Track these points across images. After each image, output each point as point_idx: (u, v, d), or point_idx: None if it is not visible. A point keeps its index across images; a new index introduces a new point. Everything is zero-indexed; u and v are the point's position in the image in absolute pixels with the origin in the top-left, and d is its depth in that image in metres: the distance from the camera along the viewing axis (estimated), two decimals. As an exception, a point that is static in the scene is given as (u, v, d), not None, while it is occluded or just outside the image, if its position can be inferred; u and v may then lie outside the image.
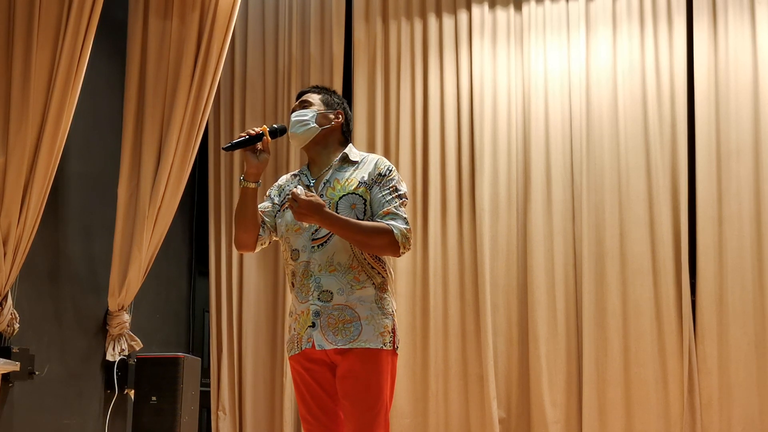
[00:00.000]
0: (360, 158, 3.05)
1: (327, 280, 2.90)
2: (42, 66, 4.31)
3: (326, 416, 2.95)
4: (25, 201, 4.27)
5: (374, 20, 6.10)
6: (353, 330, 2.87)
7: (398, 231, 2.88)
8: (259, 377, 6.00)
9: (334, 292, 2.90)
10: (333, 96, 3.15)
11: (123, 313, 5.19)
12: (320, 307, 2.89)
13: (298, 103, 3.12)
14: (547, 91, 5.78)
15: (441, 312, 5.72)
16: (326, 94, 3.14)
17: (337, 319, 2.88)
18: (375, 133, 5.99)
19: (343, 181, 2.97)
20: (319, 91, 3.15)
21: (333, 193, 2.96)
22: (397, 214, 2.92)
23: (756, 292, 5.27)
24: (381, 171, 2.98)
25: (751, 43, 5.48)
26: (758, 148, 5.38)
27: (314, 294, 2.90)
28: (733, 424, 5.20)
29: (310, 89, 3.18)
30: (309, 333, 2.90)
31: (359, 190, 2.95)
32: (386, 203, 2.94)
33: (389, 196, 2.95)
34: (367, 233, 2.86)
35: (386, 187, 2.96)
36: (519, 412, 5.56)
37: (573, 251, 5.61)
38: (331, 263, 2.91)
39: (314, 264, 2.92)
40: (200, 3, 5.29)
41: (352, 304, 2.89)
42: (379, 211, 2.93)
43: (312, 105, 3.08)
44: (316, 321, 2.89)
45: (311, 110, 3.06)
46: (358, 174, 2.99)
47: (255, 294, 6.07)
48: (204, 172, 6.38)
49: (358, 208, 2.93)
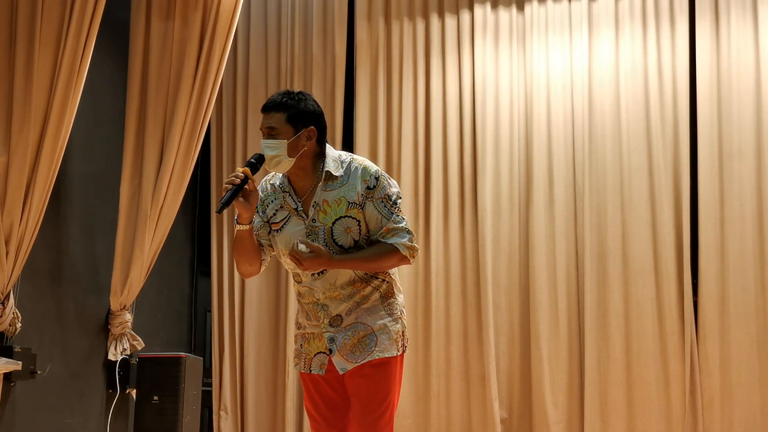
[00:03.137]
0: (342, 170, 2.89)
1: (334, 305, 2.91)
2: (44, 65, 4.31)
3: (334, 414, 2.96)
4: (27, 200, 4.27)
5: (377, 20, 6.10)
6: (369, 342, 2.88)
7: (402, 247, 2.86)
8: (261, 377, 6.00)
9: (343, 315, 2.91)
10: (299, 105, 2.87)
11: (125, 313, 5.19)
12: (333, 332, 2.90)
13: (265, 129, 2.88)
14: (550, 91, 5.78)
15: (443, 312, 5.71)
16: (292, 109, 2.85)
17: (352, 338, 2.89)
18: (377, 133, 5.99)
19: (332, 203, 2.87)
20: (285, 108, 2.85)
21: (325, 218, 2.86)
22: (396, 229, 2.87)
23: (758, 293, 5.27)
24: (368, 184, 2.87)
25: (753, 43, 5.47)
26: (760, 149, 5.37)
27: (324, 321, 2.92)
28: (734, 424, 5.19)
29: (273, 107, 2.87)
30: (322, 359, 2.92)
31: (351, 212, 2.86)
32: (383, 219, 2.87)
33: (384, 210, 2.87)
34: (376, 260, 2.86)
35: (378, 200, 2.87)
36: (521, 413, 5.56)
37: (575, 251, 5.60)
38: (335, 288, 2.90)
39: (318, 292, 2.91)
40: (203, 3, 5.29)
41: (363, 320, 2.90)
42: (378, 230, 2.87)
43: (279, 134, 2.84)
44: (332, 347, 2.90)
45: (279, 142, 2.83)
46: (346, 192, 2.87)
47: (257, 293, 6.07)
48: (206, 171, 6.38)
49: (353, 231, 2.87)
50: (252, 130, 6.21)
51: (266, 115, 2.88)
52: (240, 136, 6.23)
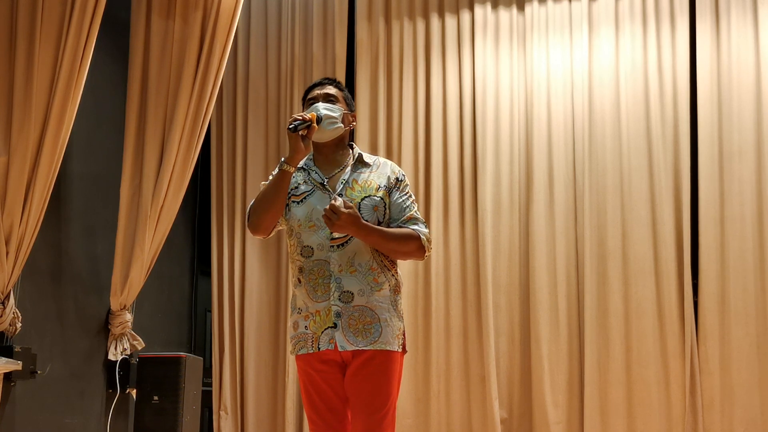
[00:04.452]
0: (372, 161, 3.08)
1: (348, 280, 2.91)
2: (45, 65, 4.31)
3: (334, 416, 2.96)
4: (27, 200, 4.27)
5: (377, 20, 6.10)
6: (374, 332, 2.90)
7: (423, 236, 2.96)
8: (261, 377, 6.00)
9: (355, 293, 2.91)
10: (349, 95, 3.16)
11: (125, 313, 5.19)
12: (341, 307, 2.90)
13: (323, 95, 3.06)
14: (550, 91, 5.78)
15: (443, 312, 5.72)
16: (346, 92, 3.15)
17: (358, 320, 2.90)
18: (377, 133, 5.99)
19: (362, 183, 3.00)
20: (340, 87, 3.14)
21: (353, 194, 2.97)
22: (418, 219, 3.00)
23: (758, 293, 5.27)
24: (398, 176, 3.05)
25: (754, 43, 5.47)
26: (760, 149, 5.38)
27: (335, 294, 2.91)
28: (734, 425, 5.19)
29: (331, 82, 3.13)
30: (330, 333, 2.90)
31: (380, 194, 2.99)
32: (407, 208, 3.01)
33: (408, 201, 3.02)
34: (398, 241, 2.92)
35: (404, 193, 3.04)
36: (521, 413, 5.56)
37: (575, 252, 5.60)
38: (352, 264, 2.92)
39: (334, 264, 2.91)
40: (203, 3, 5.29)
41: (372, 305, 2.91)
42: (401, 216, 2.99)
43: (337, 101, 3.07)
44: (337, 322, 2.89)
45: (338, 108, 3.03)
46: (375, 177, 3.02)
47: (257, 293, 6.07)
48: (206, 171, 6.38)
49: (380, 211, 2.97)
50: (252, 130, 6.21)
51: (323, 86, 3.09)
52: (240, 136, 6.23)
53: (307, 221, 2.96)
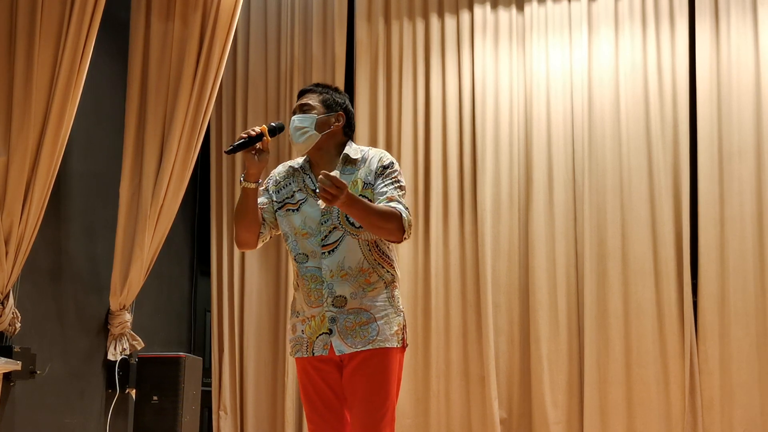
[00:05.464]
0: (360, 155, 3.03)
1: (339, 285, 2.91)
2: (44, 65, 4.31)
3: (333, 416, 2.95)
4: (27, 200, 4.27)
5: (376, 20, 6.10)
6: (370, 331, 2.89)
7: (405, 216, 2.90)
8: (261, 377, 6.00)
9: (347, 296, 2.91)
10: (334, 94, 3.08)
11: (125, 313, 5.19)
12: (335, 312, 2.90)
13: (298, 106, 3.06)
14: (549, 91, 5.78)
15: (442, 312, 5.72)
16: (327, 94, 3.07)
17: (354, 322, 2.89)
18: (377, 133, 5.99)
19: (349, 185, 2.92)
20: (321, 91, 3.08)
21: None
22: (399, 201, 2.93)
23: (758, 293, 5.27)
24: (384, 164, 2.99)
25: (753, 43, 5.48)
26: (760, 149, 5.38)
27: (328, 300, 2.91)
28: (734, 425, 5.19)
29: (311, 88, 3.11)
30: (325, 339, 2.90)
31: (365, 192, 2.95)
32: (389, 191, 2.94)
33: (391, 186, 2.96)
34: (379, 215, 2.85)
35: (389, 178, 2.97)
36: (520, 413, 5.56)
37: (575, 251, 5.60)
38: (342, 268, 2.91)
39: (325, 270, 2.92)
40: (202, 3, 5.29)
41: (366, 306, 2.91)
42: (381, 197, 2.93)
43: (312, 109, 3.02)
44: (332, 327, 2.90)
45: (310, 116, 3.00)
46: (363, 174, 2.98)
47: (257, 293, 6.07)
48: (206, 171, 6.38)
49: None
50: (252, 130, 6.21)
51: (300, 97, 3.08)
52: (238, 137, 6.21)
53: (301, 228, 2.97)
